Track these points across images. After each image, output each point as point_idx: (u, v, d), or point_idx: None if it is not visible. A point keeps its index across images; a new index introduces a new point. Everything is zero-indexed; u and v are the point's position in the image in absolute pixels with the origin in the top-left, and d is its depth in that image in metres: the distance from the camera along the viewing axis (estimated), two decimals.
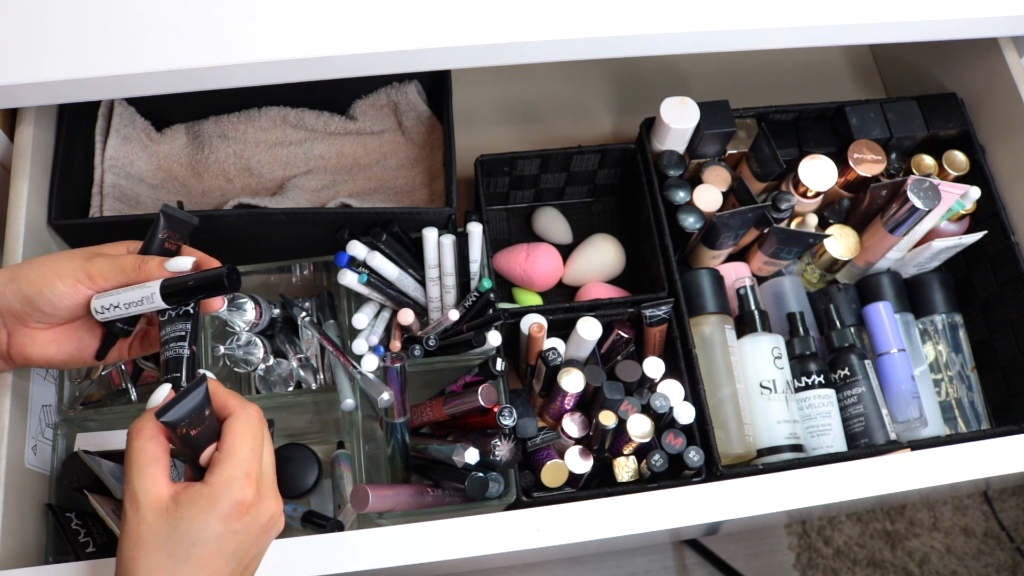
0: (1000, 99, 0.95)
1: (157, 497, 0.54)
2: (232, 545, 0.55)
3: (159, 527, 0.53)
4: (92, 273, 0.62)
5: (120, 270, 0.62)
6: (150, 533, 0.53)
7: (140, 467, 0.54)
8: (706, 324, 0.88)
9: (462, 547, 0.69)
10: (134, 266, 0.62)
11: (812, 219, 0.95)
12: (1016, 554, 1.42)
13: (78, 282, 0.62)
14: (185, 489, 0.55)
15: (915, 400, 0.89)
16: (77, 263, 0.62)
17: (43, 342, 0.64)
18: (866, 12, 0.82)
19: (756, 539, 1.40)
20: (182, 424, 0.54)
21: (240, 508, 0.55)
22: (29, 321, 0.63)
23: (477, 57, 0.78)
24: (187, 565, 0.53)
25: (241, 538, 0.55)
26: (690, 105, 0.91)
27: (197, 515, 0.53)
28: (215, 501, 0.54)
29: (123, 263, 0.62)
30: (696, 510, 0.72)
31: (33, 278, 0.62)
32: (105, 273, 0.62)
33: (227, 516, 0.54)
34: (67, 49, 0.74)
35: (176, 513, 0.53)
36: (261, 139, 0.97)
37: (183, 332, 0.63)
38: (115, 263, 0.63)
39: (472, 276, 0.84)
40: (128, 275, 0.62)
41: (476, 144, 0.99)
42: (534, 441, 0.83)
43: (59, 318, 0.63)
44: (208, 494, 0.54)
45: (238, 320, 0.81)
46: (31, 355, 0.64)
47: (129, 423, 0.78)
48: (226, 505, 0.54)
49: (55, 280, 0.61)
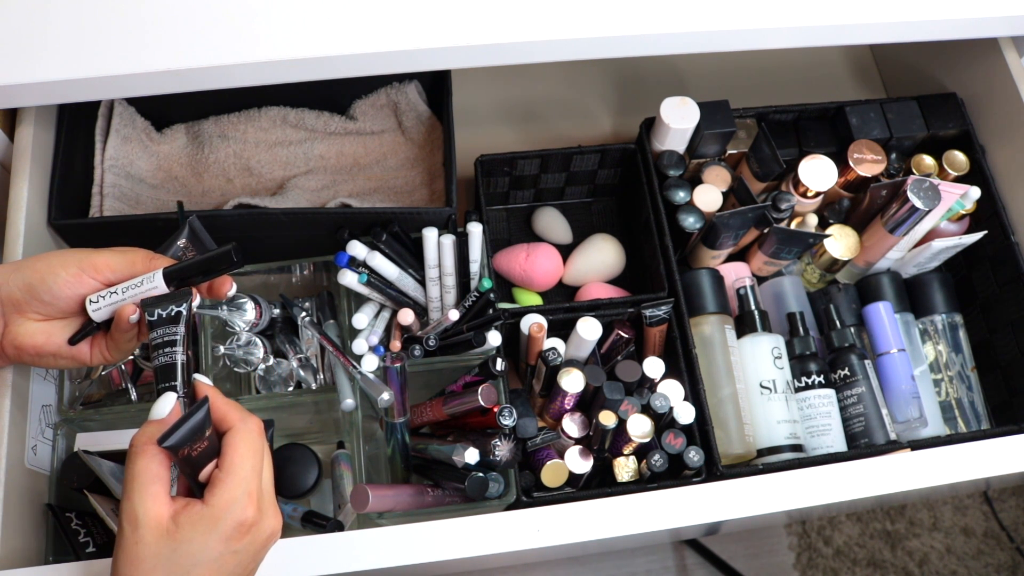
0: (1000, 99, 0.95)
1: (157, 517, 0.53)
2: (232, 564, 0.55)
3: (158, 548, 0.53)
4: (98, 264, 0.62)
5: (130, 263, 0.62)
6: (149, 553, 0.53)
7: (142, 486, 0.54)
8: (706, 324, 0.88)
9: (462, 547, 0.69)
10: (144, 260, 0.62)
11: (812, 219, 0.95)
12: (1016, 554, 1.42)
13: (82, 271, 0.62)
14: (185, 509, 0.54)
15: (915, 400, 0.89)
16: (83, 254, 0.63)
17: (35, 332, 0.64)
18: (866, 12, 0.82)
19: (756, 539, 1.40)
20: (184, 447, 0.54)
21: (241, 529, 0.54)
22: (27, 310, 0.63)
23: (477, 57, 0.78)
24: None
25: (240, 557, 0.55)
26: (690, 105, 0.91)
27: (198, 537, 0.53)
28: (216, 522, 0.54)
29: (133, 256, 0.62)
30: (696, 510, 0.72)
31: (39, 267, 0.62)
32: (112, 264, 0.62)
33: (228, 537, 0.54)
34: (67, 49, 0.74)
35: (176, 535, 0.53)
36: (261, 139, 0.97)
37: (175, 336, 0.61)
38: (125, 255, 0.63)
39: (472, 276, 0.84)
40: (136, 269, 0.62)
41: (476, 144, 0.99)
42: (534, 441, 0.83)
43: (57, 309, 0.63)
44: (209, 516, 0.54)
45: (238, 320, 0.81)
46: (23, 345, 0.64)
47: (129, 423, 0.79)
48: (228, 526, 0.54)
49: (59, 268, 0.62)
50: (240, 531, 0.54)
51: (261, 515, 0.56)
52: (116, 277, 0.63)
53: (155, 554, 0.53)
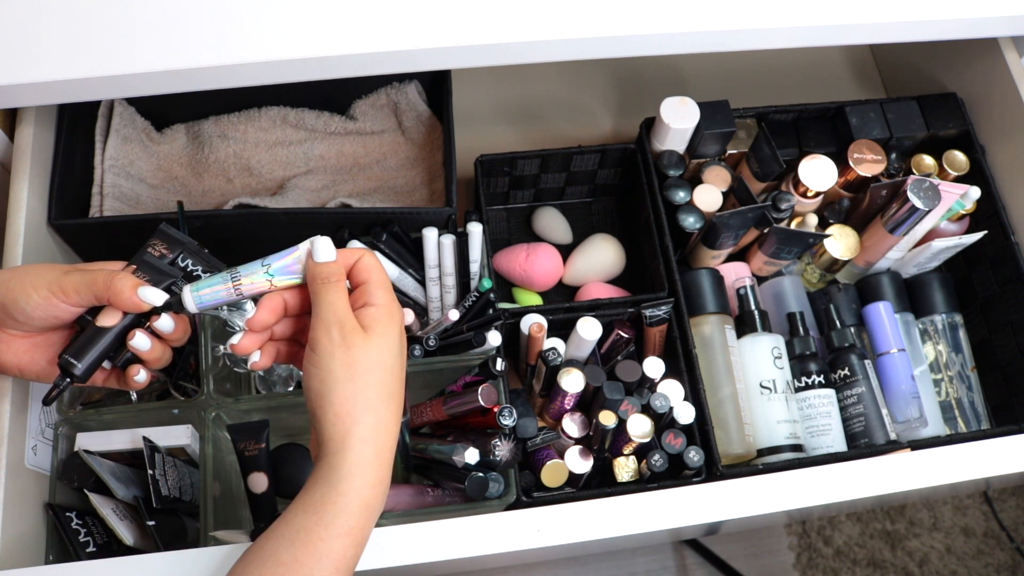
0: (1000, 99, 0.95)
1: (354, 323, 0.59)
2: (405, 353, 0.62)
3: (365, 347, 0.58)
4: (66, 287, 0.61)
5: (90, 285, 0.61)
6: (360, 354, 0.58)
7: (336, 299, 0.59)
8: (706, 324, 0.88)
9: (462, 547, 0.69)
10: (105, 283, 0.61)
11: (812, 219, 0.95)
12: (1016, 554, 1.42)
13: (52, 295, 0.61)
14: (363, 311, 0.59)
15: (915, 400, 0.89)
16: (54, 275, 0.61)
17: (18, 351, 0.64)
18: (866, 12, 0.82)
19: (756, 539, 1.40)
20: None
21: (402, 320, 0.61)
22: (4, 328, 0.63)
23: (477, 57, 0.78)
24: (393, 376, 0.59)
25: (403, 345, 0.61)
26: (690, 105, 0.91)
27: (386, 332, 0.59)
28: (392, 317, 0.60)
29: (95, 278, 0.61)
30: (696, 510, 0.72)
31: (12, 286, 0.61)
32: (78, 287, 0.61)
33: (400, 329, 0.60)
34: (67, 49, 0.74)
35: (372, 333, 0.58)
36: (261, 139, 0.97)
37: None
38: (87, 277, 0.61)
39: (472, 276, 0.84)
40: (97, 291, 0.61)
41: (476, 144, 0.99)
42: (534, 441, 0.83)
43: (34, 327, 0.63)
44: (386, 312, 0.59)
45: (238, 320, 0.81)
46: (5, 362, 0.64)
47: (129, 423, 0.79)
48: (398, 319, 0.60)
49: (31, 290, 0.61)
50: (403, 323, 0.61)
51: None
52: (81, 300, 0.62)
53: (364, 354, 0.57)
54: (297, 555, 0.54)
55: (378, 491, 0.57)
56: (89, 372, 0.64)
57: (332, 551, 0.55)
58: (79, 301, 0.62)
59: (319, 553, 0.54)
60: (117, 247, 0.75)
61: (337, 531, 0.55)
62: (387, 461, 0.58)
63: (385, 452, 0.58)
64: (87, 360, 0.63)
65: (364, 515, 0.56)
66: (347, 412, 0.56)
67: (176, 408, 0.81)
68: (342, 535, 0.55)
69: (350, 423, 0.56)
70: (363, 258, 0.61)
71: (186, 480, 0.80)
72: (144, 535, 0.78)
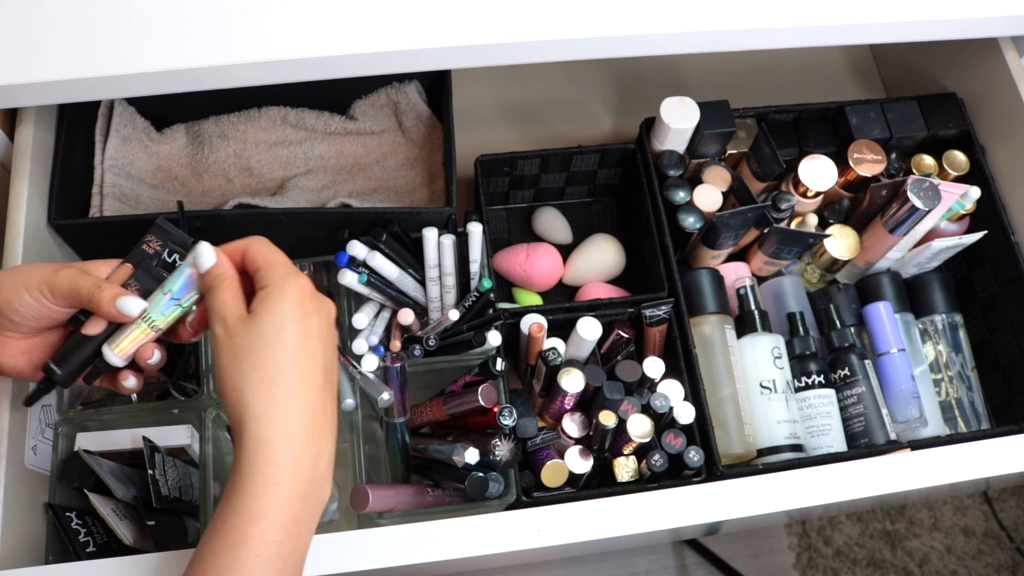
0: (1000, 99, 0.95)
1: (238, 310, 0.58)
2: (315, 326, 0.59)
3: (247, 332, 0.57)
4: (54, 289, 0.61)
5: (75, 290, 0.61)
6: (241, 341, 0.57)
7: (222, 290, 0.59)
8: (706, 324, 0.88)
9: (462, 547, 0.69)
10: (88, 292, 0.61)
11: (812, 219, 0.95)
12: (1016, 554, 1.42)
13: (42, 295, 0.61)
14: (254, 298, 0.59)
15: (915, 400, 0.89)
16: (45, 275, 0.61)
17: (15, 352, 0.64)
18: (866, 12, 0.82)
19: (756, 539, 1.40)
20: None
21: (304, 292, 0.59)
22: (2, 330, 0.62)
23: (477, 57, 0.78)
24: (283, 350, 0.57)
25: (318, 319, 0.59)
26: (690, 105, 0.91)
27: (274, 307, 0.57)
28: (283, 293, 0.58)
29: (80, 285, 0.61)
30: (696, 510, 0.72)
31: (5, 287, 0.61)
32: (64, 291, 0.61)
33: (298, 301, 0.58)
34: (67, 49, 0.74)
35: (256, 316, 0.57)
36: (261, 139, 0.97)
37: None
38: (74, 282, 0.61)
39: (472, 276, 0.84)
40: (81, 298, 0.61)
41: (476, 144, 0.99)
42: (534, 441, 0.83)
43: (28, 328, 0.63)
44: (276, 291, 0.58)
45: None
46: (3, 364, 0.64)
47: (129, 423, 0.79)
48: (293, 293, 0.58)
49: (23, 291, 0.61)
50: (304, 294, 0.59)
51: (310, 284, 0.60)
52: (66, 303, 0.62)
53: (247, 339, 0.57)
54: (216, 548, 0.53)
55: (289, 469, 0.55)
56: (71, 378, 0.64)
57: (248, 538, 0.53)
58: (67, 304, 0.62)
59: (234, 543, 0.53)
60: (117, 247, 0.74)
61: (249, 517, 0.53)
62: (295, 436, 0.56)
63: (289, 427, 0.56)
64: (69, 367, 0.63)
65: (278, 496, 0.54)
66: (236, 399, 0.56)
67: (176, 408, 0.81)
68: (256, 520, 0.53)
69: (240, 409, 0.56)
70: (249, 247, 0.61)
71: (186, 480, 0.80)
72: (144, 535, 0.78)
